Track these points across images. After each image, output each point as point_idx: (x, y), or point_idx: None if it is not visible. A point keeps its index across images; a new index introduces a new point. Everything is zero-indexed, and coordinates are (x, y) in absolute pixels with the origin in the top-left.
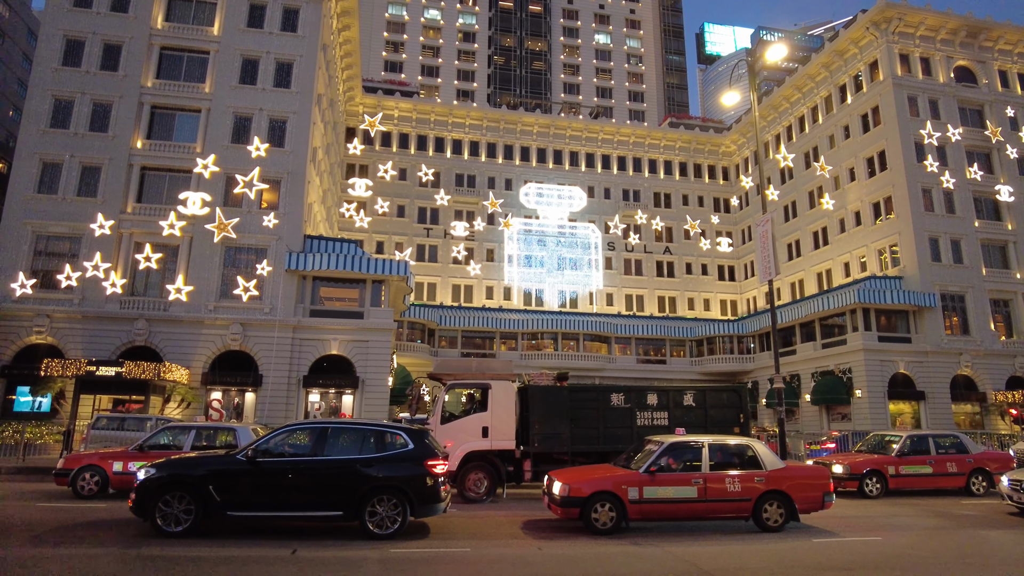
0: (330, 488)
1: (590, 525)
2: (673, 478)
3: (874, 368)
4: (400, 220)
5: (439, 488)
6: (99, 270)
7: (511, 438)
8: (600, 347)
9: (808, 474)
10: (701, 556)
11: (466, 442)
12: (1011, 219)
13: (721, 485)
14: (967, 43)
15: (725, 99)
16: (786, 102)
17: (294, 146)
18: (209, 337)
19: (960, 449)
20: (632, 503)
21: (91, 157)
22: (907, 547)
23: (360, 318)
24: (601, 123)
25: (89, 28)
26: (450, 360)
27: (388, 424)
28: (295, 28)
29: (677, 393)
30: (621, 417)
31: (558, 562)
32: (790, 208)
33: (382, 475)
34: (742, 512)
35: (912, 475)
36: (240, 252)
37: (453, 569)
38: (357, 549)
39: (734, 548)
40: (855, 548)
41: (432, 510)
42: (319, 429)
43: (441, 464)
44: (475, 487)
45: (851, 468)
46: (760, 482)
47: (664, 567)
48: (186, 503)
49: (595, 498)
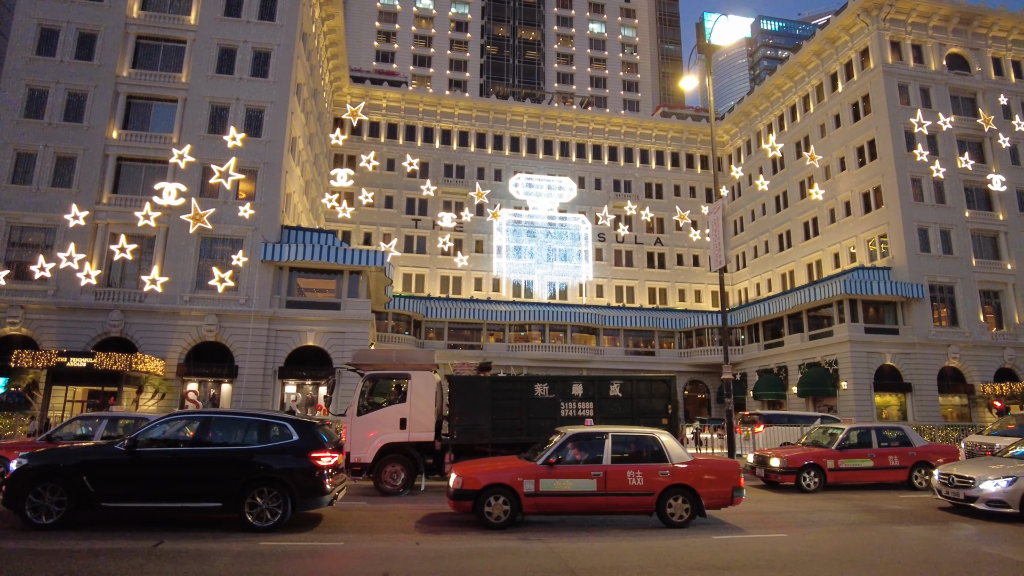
0: (210, 479)
1: (483, 519)
2: (571, 471)
3: (860, 360)
4: (388, 211)
5: (324, 481)
6: (73, 261)
7: (430, 429)
8: (589, 339)
9: (716, 468)
10: (579, 553)
11: (383, 434)
12: (1003, 209)
13: (623, 478)
14: (960, 30)
15: (683, 83)
16: (778, 91)
17: (271, 136)
18: (185, 328)
19: (904, 442)
20: (527, 496)
21: (66, 147)
22: (808, 545)
23: (337, 309)
24: (592, 113)
25: (64, 17)
26: (370, 350)
27: (273, 415)
28: (273, 17)
29: (603, 383)
30: (545, 408)
31: (424, 558)
32: (781, 198)
33: (263, 466)
34: (645, 507)
35: (852, 469)
36: (216, 243)
37: (307, 563)
38: (226, 542)
39: (622, 545)
40: (750, 546)
41: (316, 503)
42: (202, 419)
43: (327, 456)
44: (391, 479)
45: (788, 462)
46: (664, 475)
47: (531, 564)
48: (58, 495)
49: (489, 491)
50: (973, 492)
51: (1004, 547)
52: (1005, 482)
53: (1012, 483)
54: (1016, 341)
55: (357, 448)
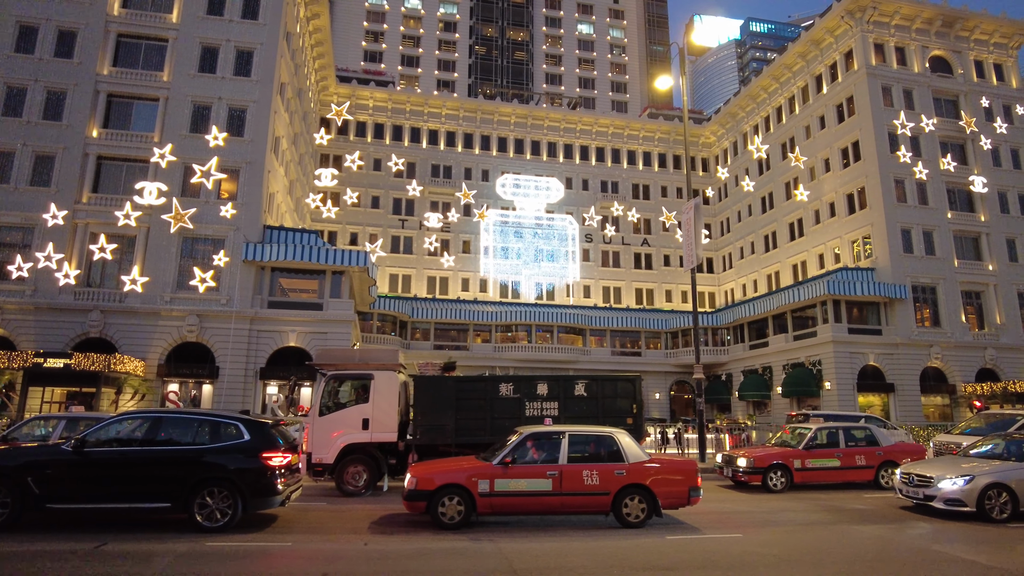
0: (159, 479)
1: (437, 519)
2: (526, 470)
3: (843, 360)
4: (375, 211)
5: (275, 481)
6: (52, 261)
7: (393, 430)
8: (575, 339)
9: (673, 468)
10: (527, 553)
11: (346, 434)
12: (984, 210)
13: (578, 478)
14: (943, 32)
15: (659, 83)
16: (764, 92)
17: (254, 135)
18: (165, 328)
19: (871, 442)
20: (482, 496)
21: (44, 146)
22: (759, 545)
23: (319, 309)
24: (579, 114)
25: (43, 14)
26: (332, 349)
27: (225, 415)
28: (256, 16)
29: (568, 382)
30: (509, 407)
31: (367, 558)
32: (767, 199)
33: (213, 466)
34: (601, 506)
35: (819, 469)
36: (198, 242)
37: (248, 563)
38: (172, 543)
39: (573, 545)
40: (702, 546)
41: (267, 503)
42: (152, 419)
43: (279, 456)
44: (353, 480)
45: (755, 462)
46: (621, 475)
47: (475, 565)
48: (1, 496)
49: (443, 491)
50: (932, 491)
51: (955, 546)
52: (962, 481)
53: (969, 482)
54: (997, 341)
55: (319, 448)
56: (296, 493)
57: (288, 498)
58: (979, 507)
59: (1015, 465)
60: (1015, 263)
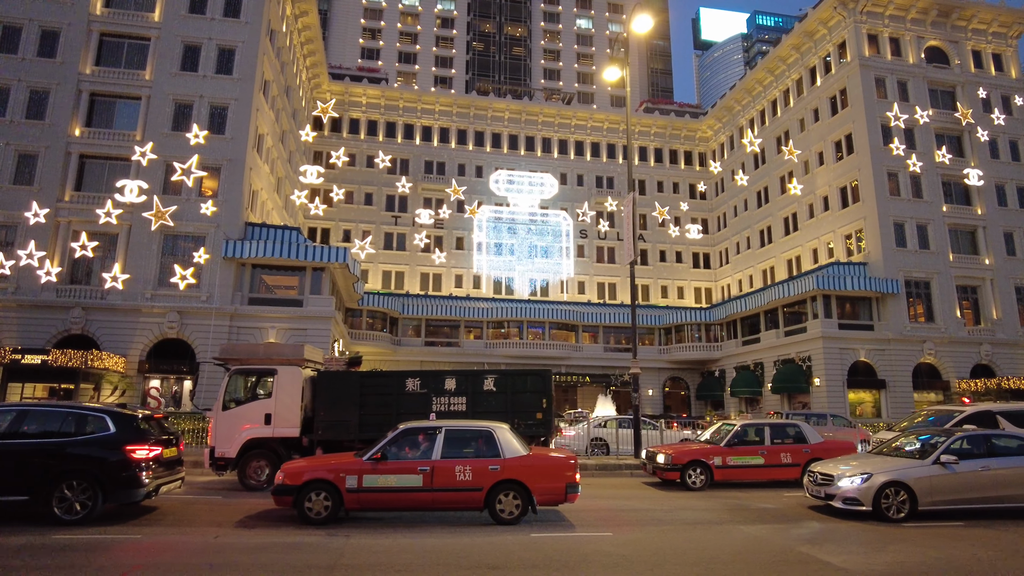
0: (18, 472)
1: (303, 515)
2: (397, 466)
3: (833, 356)
4: (368, 208)
5: (139, 473)
6: (34, 259)
7: (295, 425)
8: (568, 335)
9: (550, 464)
10: (368, 550)
11: (248, 429)
12: (981, 203)
13: (450, 474)
14: (939, 22)
15: (606, 75)
16: (759, 85)
17: (235, 133)
18: (146, 325)
19: (799, 439)
20: (349, 492)
21: (27, 145)
22: (619, 544)
23: (300, 306)
24: (574, 109)
25: (26, 14)
26: (237, 344)
27: (92, 407)
28: (238, 14)
29: (477, 377)
30: (416, 403)
31: (203, 551)
32: (763, 194)
33: (74, 458)
34: (474, 502)
35: (741, 466)
36: (179, 240)
37: (78, 556)
38: (17, 536)
39: (424, 542)
40: (560, 545)
41: (130, 496)
42: (17, 411)
43: (144, 449)
44: (255, 475)
45: (672, 458)
46: (495, 471)
47: (300, 559)
48: None
49: (309, 486)
50: (832, 490)
51: (825, 547)
52: (859, 479)
53: (866, 480)
54: (994, 337)
55: (222, 443)
56: (172, 486)
57: (156, 491)
58: (875, 506)
59: (915, 463)
60: (1013, 257)
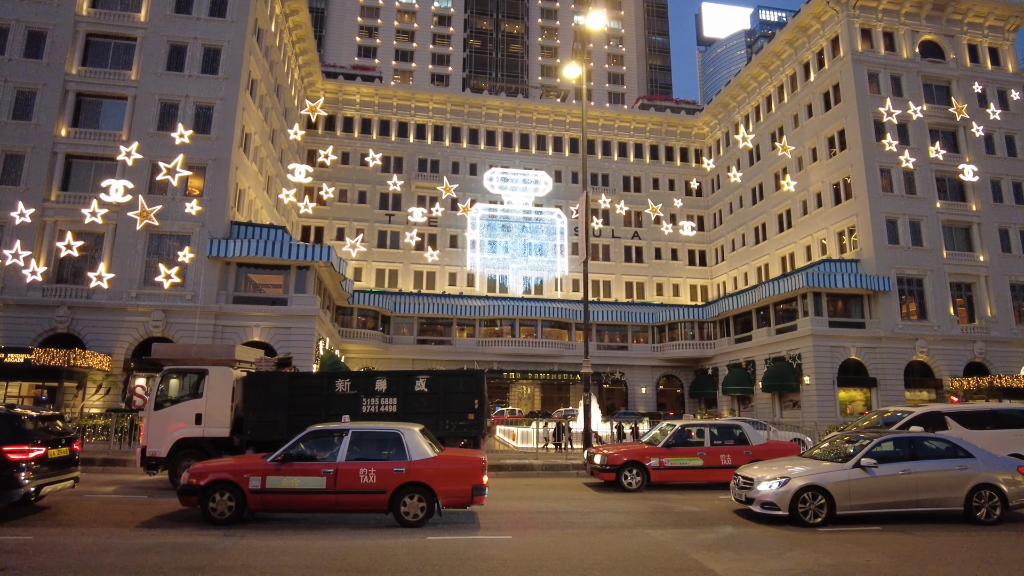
0: None
1: (207, 515)
2: (301, 468)
3: (823, 354)
4: (361, 206)
5: (16, 474)
6: (19, 258)
7: (225, 425)
8: (561, 333)
9: (456, 466)
10: (253, 551)
11: (179, 428)
12: (976, 199)
13: (354, 476)
14: (934, 16)
15: (566, 72)
16: (754, 81)
17: (220, 132)
18: (132, 324)
19: (741, 441)
20: (253, 493)
21: (13, 145)
22: (510, 548)
23: (284, 304)
24: (568, 106)
25: (12, 15)
26: (170, 344)
27: None
28: (224, 13)
29: (408, 378)
30: (346, 404)
31: (84, 551)
32: (757, 190)
33: None
34: (378, 505)
35: (679, 468)
36: (164, 239)
37: None
38: None
39: (313, 544)
40: (448, 548)
41: (6, 496)
42: None
43: (21, 450)
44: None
45: (609, 459)
46: (400, 473)
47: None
48: None
49: (213, 487)
50: (752, 494)
51: (722, 553)
52: (776, 483)
53: (783, 484)
54: (988, 334)
55: (154, 442)
56: (61, 486)
57: (38, 492)
58: (792, 511)
59: (836, 466)
60: (1008, 254)
